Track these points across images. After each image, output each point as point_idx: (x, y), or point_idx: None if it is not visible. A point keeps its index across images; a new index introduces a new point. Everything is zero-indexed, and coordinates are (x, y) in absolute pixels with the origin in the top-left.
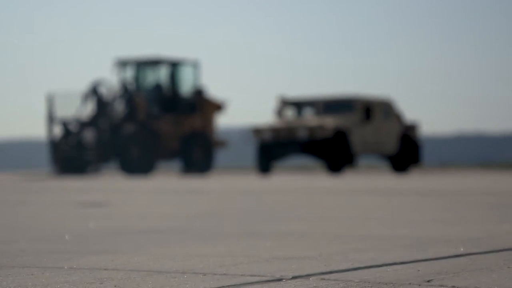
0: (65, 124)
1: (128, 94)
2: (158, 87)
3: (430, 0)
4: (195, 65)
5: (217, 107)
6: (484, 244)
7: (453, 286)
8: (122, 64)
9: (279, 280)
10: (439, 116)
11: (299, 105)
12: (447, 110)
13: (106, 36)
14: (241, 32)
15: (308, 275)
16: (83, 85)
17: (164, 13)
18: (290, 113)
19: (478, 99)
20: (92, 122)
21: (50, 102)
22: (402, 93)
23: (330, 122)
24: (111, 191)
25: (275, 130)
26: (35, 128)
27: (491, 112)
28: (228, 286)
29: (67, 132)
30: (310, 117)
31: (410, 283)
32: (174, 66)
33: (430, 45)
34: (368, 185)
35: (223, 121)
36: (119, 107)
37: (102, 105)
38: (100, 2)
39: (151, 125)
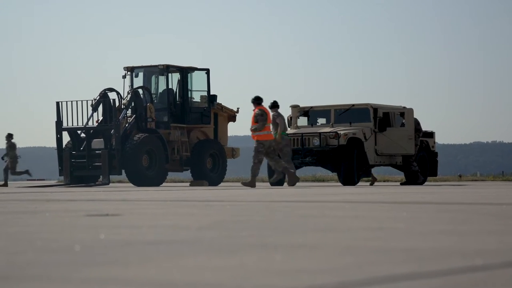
0: (74, 133)
1: (137, 102)
2: (168, 95)
3: (448, 13)
4: (206, 73)
5: (230, 116)
6: (502, 256)
7: None
8: (132, 72)
9: None
10: (455, 126)
11: (312, 114)
12: (464, 120)
13: (116, 46)
14: (253, 41)
15: None
16: (92, 93)
17: (173, 23)
18: (303, 122)
19: (495, 109)
20: (101, 130)
21: (60, 110)
22: (418, 103)
23: (344, 130)
24: (120, 201)
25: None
26: (44, 137)
27: (508, 121)
28: None
29: (76, 141)
30: (323, 126)
31: None
32: (185, 73)
33: (448, 56)
34: (382, 196)
35: (235, 130)
36: (129, 116)
37: (112, 113)
38: (111, 12)
39: (161, 134)
